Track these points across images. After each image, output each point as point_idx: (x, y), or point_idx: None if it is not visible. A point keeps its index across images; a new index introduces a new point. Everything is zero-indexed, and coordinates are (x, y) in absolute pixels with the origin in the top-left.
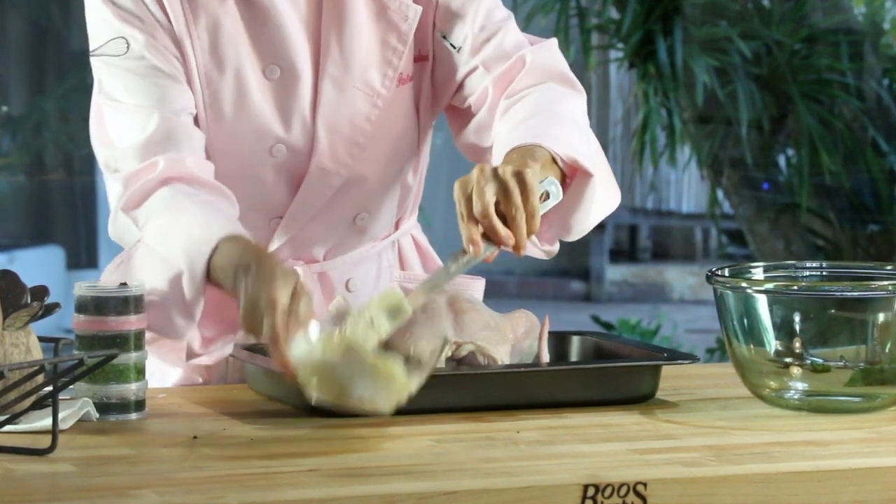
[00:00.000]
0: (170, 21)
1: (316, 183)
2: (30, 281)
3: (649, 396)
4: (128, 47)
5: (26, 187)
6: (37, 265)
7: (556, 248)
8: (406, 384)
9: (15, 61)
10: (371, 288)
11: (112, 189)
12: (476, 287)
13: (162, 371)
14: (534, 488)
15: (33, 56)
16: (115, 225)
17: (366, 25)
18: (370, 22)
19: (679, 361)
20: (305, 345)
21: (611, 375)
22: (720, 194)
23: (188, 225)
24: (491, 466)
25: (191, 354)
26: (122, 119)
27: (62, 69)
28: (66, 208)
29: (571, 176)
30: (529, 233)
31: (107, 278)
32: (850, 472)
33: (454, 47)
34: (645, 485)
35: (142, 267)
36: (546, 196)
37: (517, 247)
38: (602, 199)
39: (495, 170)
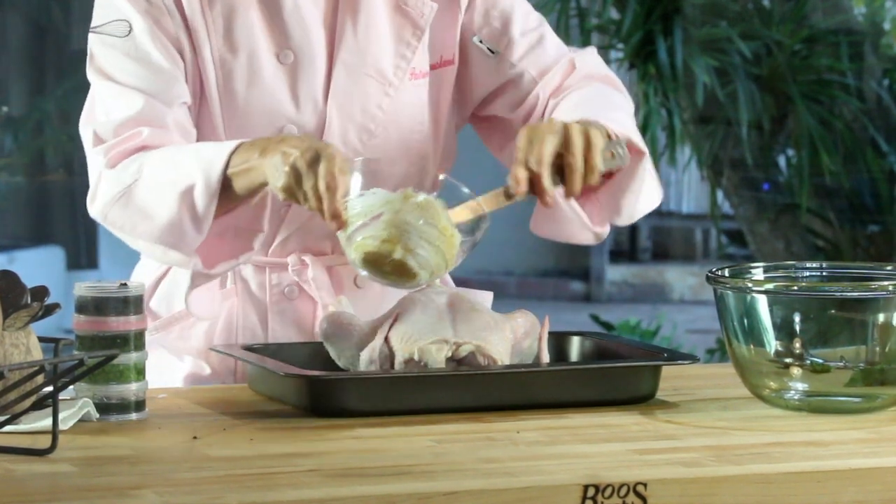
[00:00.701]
0: (181, 7)
1: None
2: (30, 281)
3: (649, 397)
4: (129, 31)
5: (26, 187)
6: (37, 265)
7: (606, 230)
8: (454, 261)
9: (15, 61)
10: (379, 286)
11: (93, 164)
12: (484, 298)
13: (170, 364)
14: (534, 488)
15: (33, 56)
16: (96, 192)
17: (382, 17)
18: (386, 15)
19: (679, 362)
20: (366, 202)
21: (611, 376)
22: (720, 195)
23: (195, 148)
24: (491, 466)
25: (197, 277)
26: (110, 96)
27: (62, 69)
28: (66, 208)
29: None
30: (587, 185)
31: (109, 211)
32: (850, 473)
33: (492, 52)
34: (645, 485)
35: (148, 193)
36: (612, 156)
37: (569, 192)
38: (650, 186)
39: (564, 124)
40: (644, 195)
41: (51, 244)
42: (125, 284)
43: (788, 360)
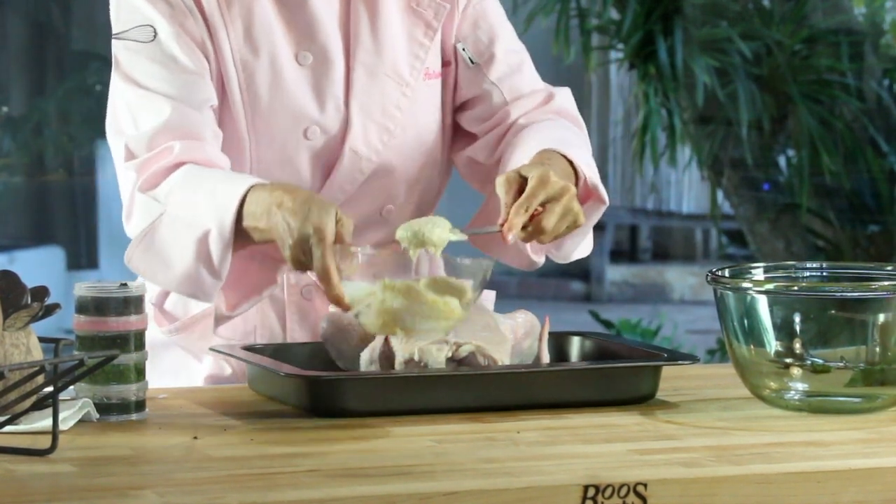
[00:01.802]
0: (202, 8)
1: (348, 167)
2: (30, 281)
3: (649, 397)
4: (154, 35)
5: (26, 187)
6: (37, 265)
7: (541, 261)
8: (461, 315)
9: (15, 61)
10: None
11: (125, 180)
12: (486, 298)
13: (188, 366)
14: (534, 488)
15: (33, 56)
16: (131, 212)
17: (395, 17)
18: (399, 15)
19: (679, 362)
20: (357, 287)
21: (611, 376)
22: (720, 195)
23: (212, 186)
24: (491, 466)
25: (220, 319)
26: (139, 104)
27: (62, 69)
28: (66, 208)
29: (584, 198)
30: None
31: (136, 259)
32: (850, 473)
33: (472, 62)
34: (645, 485)
35: (168, 235)
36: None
37: (505, 237)
38: (589, 239)
39: (559, 190)
40: (587, 240)
41: (51, 244)
42: (125, 284)
43: (789, 361)
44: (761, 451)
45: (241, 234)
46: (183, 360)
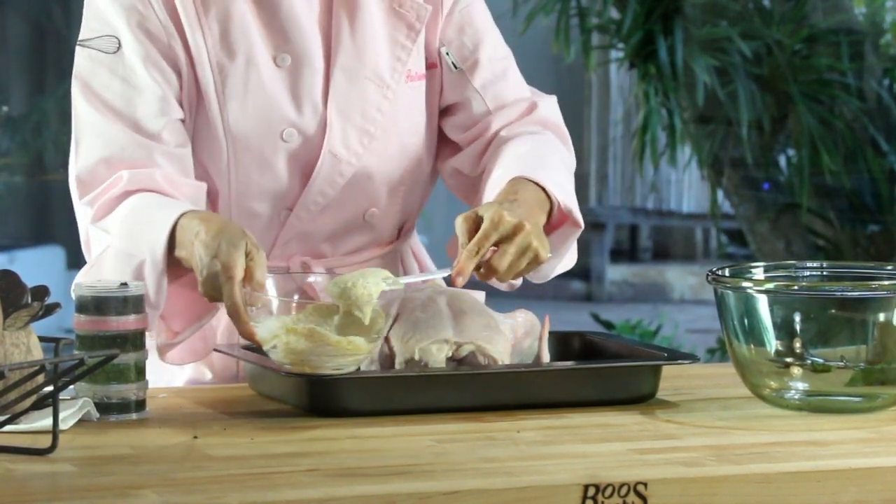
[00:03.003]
0: (175, 14)
1: (328, 170)
2: (30, 281)
3: (650, 396)
4: (118, 48)
5: (26, 187)
6: (37, 265)
7: (518, 282)
8: (369, 349)
9: (15, 61)
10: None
11: (81, 216)
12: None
13: (170, 368)
14: (534, 488)
15: (33, 56)
16: (88, 245)
17: (376, 19)
18: (380, 17)
19: (679, 361)
20: (267, 327)
21: (611, 375)
22: (720, 194)
23: (150, 214)
24: (491, 466)
25: (162, 348)
26: (91, 125)
27: (62, 69)
28: (66, 208)
29: (558, 223)
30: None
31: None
32: (850, 472)
33: (455, 66)
34: (645, 485)
35: (110, 267)
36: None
37: (455, 282)
38: (572, 253)
39: (516, 227)
40: (566, 260)
41: (51, 244)
42: (125, 284)
43: (789, 360)
44: (761, 451)
45: (175, 262)
46: (164, 363)
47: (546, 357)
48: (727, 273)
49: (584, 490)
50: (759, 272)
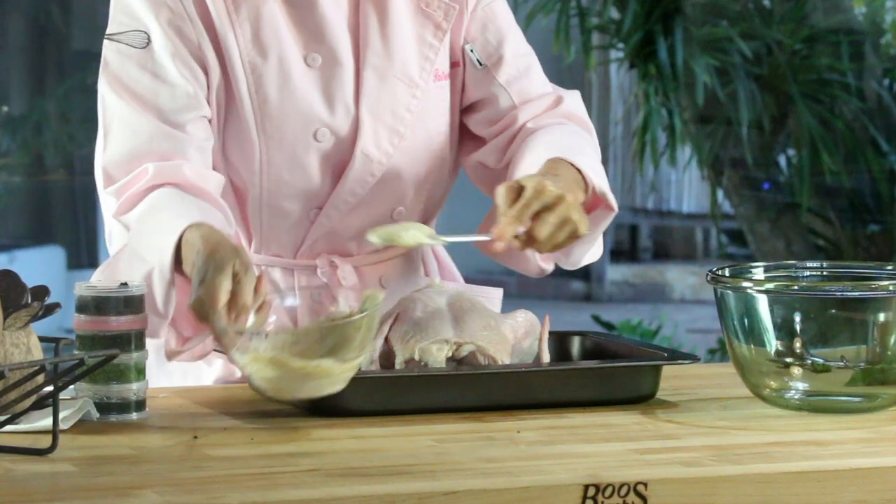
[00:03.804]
0: (206, 12)
1: (359, 170)
2: (30, 281)
3: (650, 396)
4: (147, 42)
5: (26, 187)
6: (37, 265)
7: (550, 268)
8: (343, 370)
9: (15, 61)
10: (403, 287)
11: (106, 206)
12: (494, 295)
13: (197, 367)
14: (534, 488)
15: (33, 56)
16: (111, 238)
17: (404, 19)
18: (408, 16)
19: (680, 361)
20: (242, 356)
21: (611, 375)
22: (721, 194)
23: (161, 220)
24: (491, 466)
25: (170, 353)
26: (120, 118)
27: (62, 69)
28: (66, 208)
29: (592, 207)
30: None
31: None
32: (850, 472)
33: (480, 64)
34: (645, 485)
35: (124, 267)
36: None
37: (494, 247)
38: (599, 242)
39: (558, 197)
40: (596, 247)
41: (51, 244)
42: (125, 284)
43: (789, 360)
44: (761, 451)
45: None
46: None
47: (546, 357)
48: (727, 273)
49: (584, 490)
50: (759, 272)
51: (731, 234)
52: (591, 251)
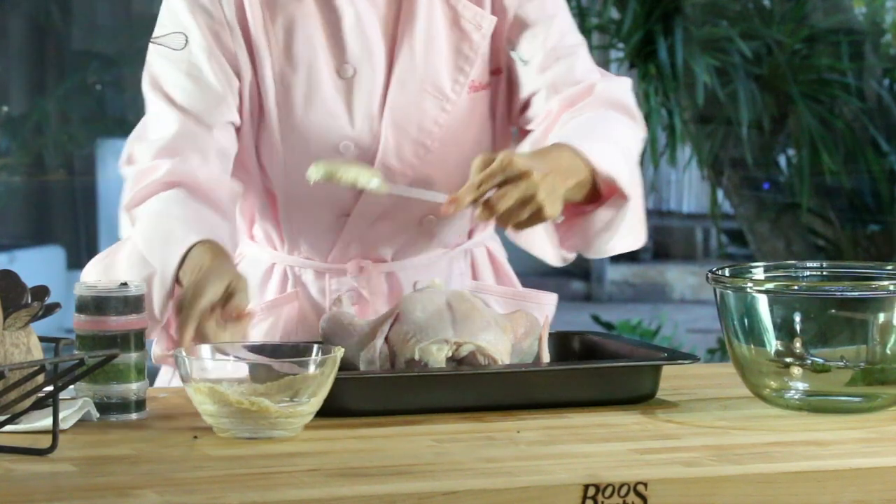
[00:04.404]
0: (245, 23)
1: None
2: (30, 281)
3: (650, 396)
4: (185, 44)
5: (26, 187)
6: (37, 265)
7: (572, 256)
8: (280, 413)
9: (15, 61)
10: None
11: (125, 179)
12: (548, 301)
13: None
14: (534, 488)
15: (33, 56)
16: (121, 223)
17: (440, 31)
18: (445, 28)
19: (680, 361)
20: (186, 385)
21: (611, 375)
22: (721, 194)
23: (170, 227)
24: (491, 466)
25: (158, 358)
26: (152, 110)
27: (62, 69)
28: (66, 208)
29: (607, 195)
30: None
31: (89, 271)
32: (850, 472)
33: (523, 61)
34: (645, 485)
35: (125, 264)
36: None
37: (445, 209)
38: (629, 229)
39: (524, 173)
40: (620, 236)
41: (51, 244)
42: (125, 284)
43: (789, 360)
44: (761, 451)
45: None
46: None
47: (546, 357)
48: (727, 273)
49: (584, 490)
50: (759, 272)
51: (731, 234)
52: (615, 240)
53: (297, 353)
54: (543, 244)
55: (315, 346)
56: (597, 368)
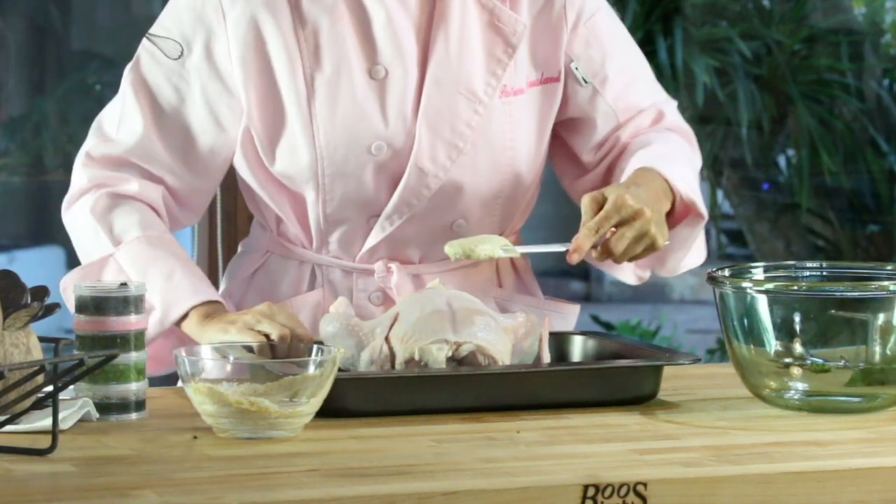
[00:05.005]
0: (250, 42)
1: (414, 183)
2: (30, 281)
3: (650, 397)
4: (180, 55)
5: (26, 187)
6: (37, 265)
7: (647, 276)
8: (280, 413)
9: (15, 61)
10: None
11: (79, 173)
12: (570, 311)
13: None
14: (534, 488)
15: (33, 56)
16: (76, 222)
17: (474, 33)
18: (479, 31)
19: (679, 362)
20: (185, 385)
21: (612, 376)
22: (720, 194)
23: (170, 269)
24: (491, 466)
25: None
26: (126, 107)
27: (62, 69)
28: None
29: (682, 215)
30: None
31: (68, 286)
32: (850, 472)
33: (585, 81)
34: (645, 485)
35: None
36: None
37: (570, 258)
38: (699, 245)
39: (637, 212)
40: (692, 254)
41: (51, 244)
42: (125, 284)
43: (788, 360)
44: (761, 451)
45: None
46: None
47: (546, 357)
48: (727, 273)
49: (583, 490)
50: (759, 272)
51: (731, 235)
52: (687, 258)
53: (297, 354)
54: (619, 266)
55: (315, 347)
56: (597, 369)
